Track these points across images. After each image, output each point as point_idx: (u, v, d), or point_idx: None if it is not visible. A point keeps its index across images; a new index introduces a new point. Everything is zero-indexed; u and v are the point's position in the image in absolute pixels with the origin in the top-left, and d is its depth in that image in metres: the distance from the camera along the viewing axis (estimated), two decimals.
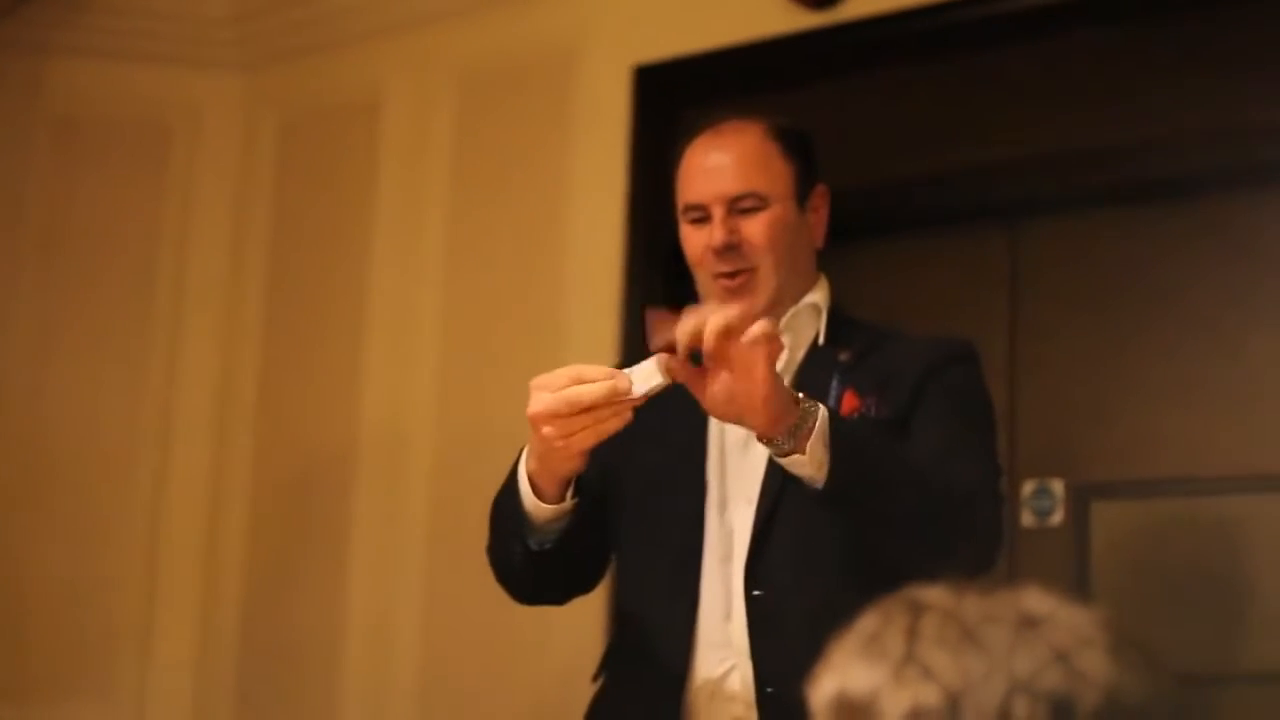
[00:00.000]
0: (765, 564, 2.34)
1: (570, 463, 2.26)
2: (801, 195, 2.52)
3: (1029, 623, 1.12)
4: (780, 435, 2.14)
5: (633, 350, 4.00)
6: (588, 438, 2.18)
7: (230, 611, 4.51)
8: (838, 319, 2.52)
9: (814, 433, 2.12)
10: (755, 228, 2.45)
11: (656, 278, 4.06)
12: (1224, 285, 3.47)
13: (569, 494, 2.33)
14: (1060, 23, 3.67)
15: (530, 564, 2.40)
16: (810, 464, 2.14)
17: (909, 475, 2.22)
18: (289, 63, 4.76)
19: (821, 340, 2.48)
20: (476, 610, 3.99)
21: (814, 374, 2.44)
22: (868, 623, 1.17)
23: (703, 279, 2.52)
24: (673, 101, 4.12)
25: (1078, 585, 3.48)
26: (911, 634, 1.14)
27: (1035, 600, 1.14)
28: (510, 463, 2.43)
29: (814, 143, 2.58)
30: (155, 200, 4.70)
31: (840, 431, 2.15)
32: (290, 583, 4.43)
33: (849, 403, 2.38)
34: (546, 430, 2.18)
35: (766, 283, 2.46)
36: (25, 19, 4.65)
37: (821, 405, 2.16)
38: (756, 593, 2.33)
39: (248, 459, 4.58)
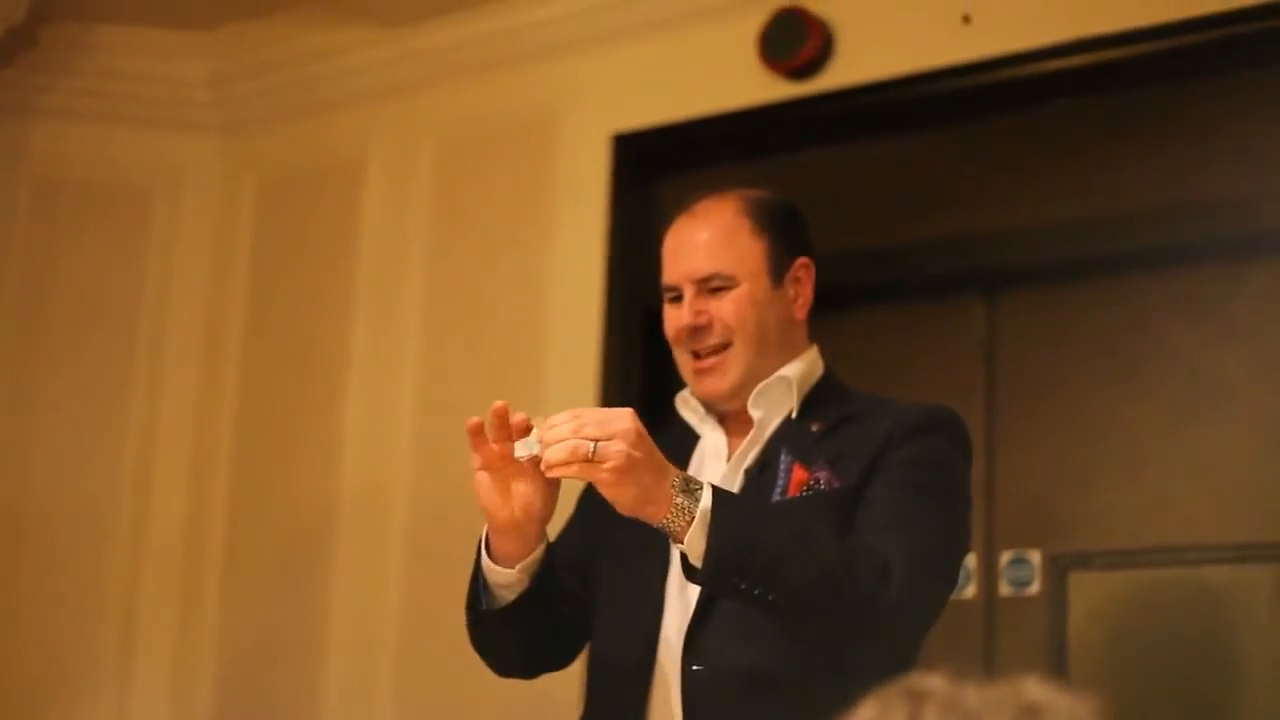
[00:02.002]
0: (705, 640, 2.33)
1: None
2: (776, 270, 2.50)
3: (1029, 711, 1.13)
4: (657, 524, 2.13)
5: None
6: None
7: (207, 670, 4.49)
8: (824, 390, 2.50)
9: (693, 523, 2.11)
10: (724, 307, 2.46)
11: (635, 341, 4.08)
12: (1201, 357, 3.50)
13: (521, 565, 2.32)
14: (1038, 96, 3.70)
15: (478, 624, 2.41)
16: (690, 554, 2.13)
17: (799, 560, 2.16)
18: (269, 126, 4.77)
19: (794, 414, 2.47)
20: (454, 670, 3.98)
21: (780, 448, 2.43)
22: (866, 712, 1.18)
23: (677, 356, 2.53)
24: (651, 169, 4.16)
25: (1055, 656, 3.49)
26: None
27: (1035, 689, 1.14)
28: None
29: (797, 215, 2.58)
30: (136, 262, 4.71)
31: (720, 521, 2.11)
32: (268, 643, 4.42)
33: (797, 476, 2.37)
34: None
35: (737, 361, 2.46)
36: (6, 82, 4.67)
37: (711, 493, 2.13)
38: (696, 667, 2.32)
39: (225, 518, 4.58)
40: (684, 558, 2.15)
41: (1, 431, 4.58)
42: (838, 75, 3.91)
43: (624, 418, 2.10)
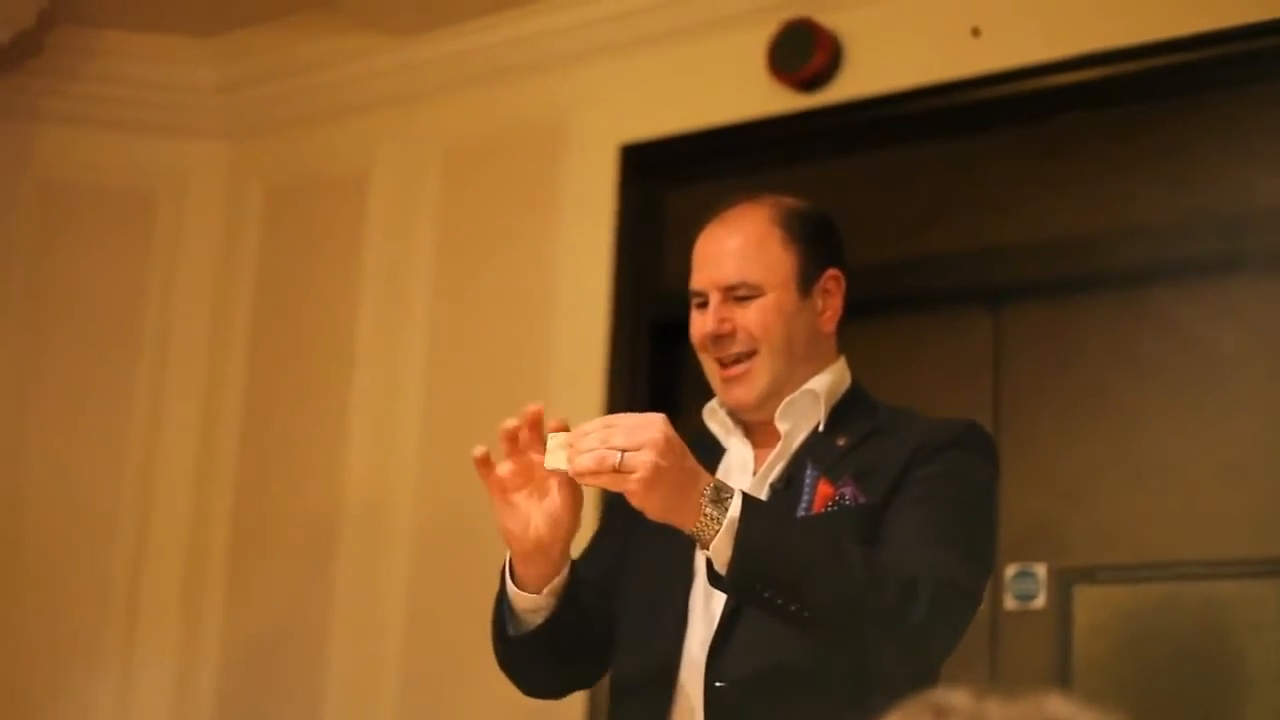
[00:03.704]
0: (729, 656, 2.31)
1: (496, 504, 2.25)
2: (805, 281, 2.47)
3: None
4: (687, 531, 2.12)
5: None
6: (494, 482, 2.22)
7: (209, 672, 4.49)
8: (851, 403, 2.48)
9: (720, 531, 2.09)
10: (750, 316, 2.43)
11: (642, 352, 4.08)
12: (1207, 370, 3.50)
13: (548, 590, 2.30)
14: (1046, 109, 3.70)
15: (507, 650, 2.38)
16: (716, 560, 2.12)
17: (827, 573, 2.13)
18: (275, 133, 4.78)
19: (822, 427, 2.45)
20: (458, 676, 3.99)
21: (806, 462, 2.41)
22: None
23: (705, 363, 2.50)
24: (659, 180, 4.15)
25: (1060, 670, 3.49)
26: None
27: (1058, 705, 1.14)
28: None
29: (831, 226, 2.54)
30: (140, 267, 4.72)
31: (747, 530, 2.09)
32: (271, 645, 4.42)
33: (823, 491, 2.35)
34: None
35: (763, 371, 2.43)
36: (13, 86, 4.68)
37: (741, 501, 2.11)
38: (719, 684, 2.29)
39: (228, 522, 4.58)
40: (709, 563, 2.14)
41: (5, 434, 4.58)
42: (846, 87, 3.91)
43: (653, 426, 2.08)
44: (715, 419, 2.52)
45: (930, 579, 2.19)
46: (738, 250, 2.45)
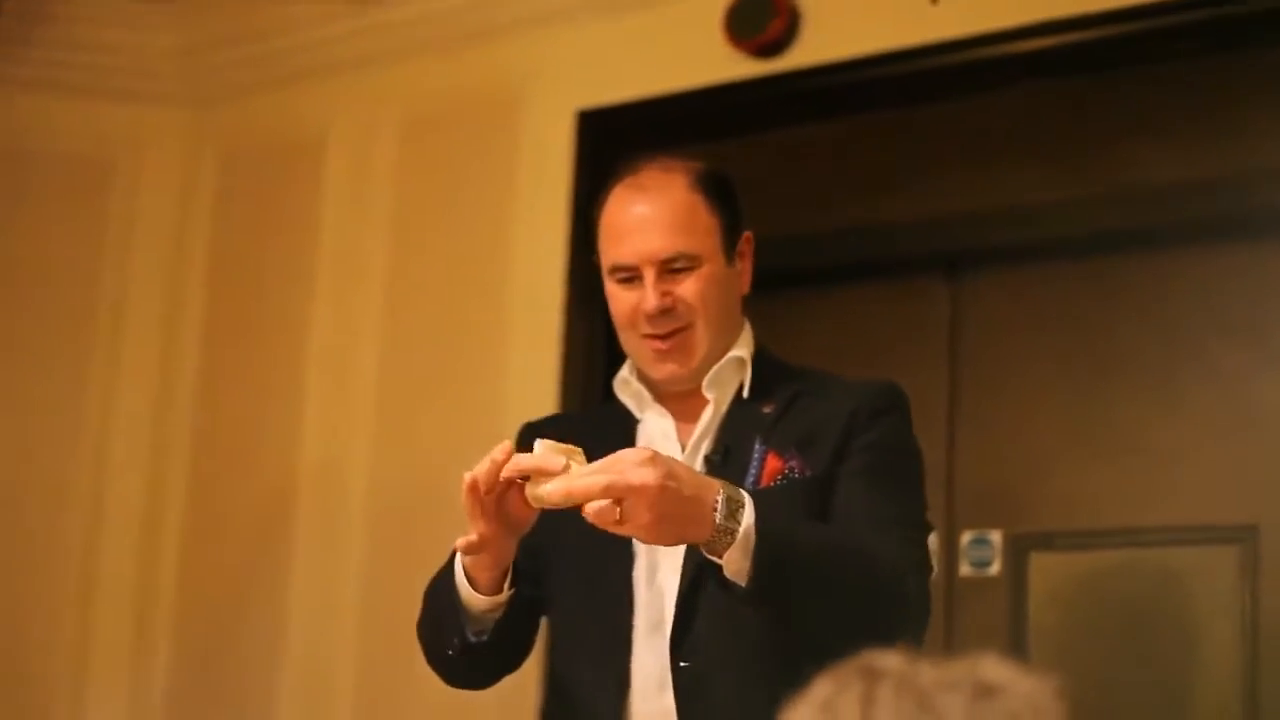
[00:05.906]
0: (692, 634, 2.29)
1: (473, 538, 2.19)
2: (729, 247, 2.44)
3: (986, 691, 1.12)
4: (700, 545, 2.09)
5: (571, 393, 4.00)
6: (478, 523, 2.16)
7: (163, 657, 4.47)
8: (764, 368, 2.45)
9: (735, 543, 2.05)
10: (689, 288, 2.38)
11: (599, 317, 4.06)
12: (1163, 339, 3.50)
13: (505, 584, 2.28)
14: (1004, 76, 3.70)
15: (466, 654, 2.35)
16: (730, 571, 2.09)
17: (836, 570, 2.14)
18: (233, 99, 4.74)
19: (746, 394, 2.42)
20: (414, 659, 3.96)
21: (737, 431, 2.39)
22: (821, 689, 1.17)
23: (630, 339, 2.45)
24: (616, 146, 4.12)
25: (1015, 636, 3.50)
26: (867, 701, 1.13)
27: (993, 669, 1.13)
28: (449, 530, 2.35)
29: (735, 187, 2.49)
30: (96, 234, 4.68)
31: (765, 539, 2.06)
32: (225, 628, 4.40)
33: (772, 464, 2.33)
34: (462, 500, 2.16)
35: (700, 343, 2.40)
36: None
37: (751, 511, 2.06)
38: (684, 664, 2.29)
39: (184, 497, 4.55)
40: (718, 569, 2.10)
41: None
42: (804, 54, 3.90)
43: (645, 471, 2.00)
44: (628, 390, 2.49)
45: (911, 562, 2.23)
46: (669, 220, 2.39)
